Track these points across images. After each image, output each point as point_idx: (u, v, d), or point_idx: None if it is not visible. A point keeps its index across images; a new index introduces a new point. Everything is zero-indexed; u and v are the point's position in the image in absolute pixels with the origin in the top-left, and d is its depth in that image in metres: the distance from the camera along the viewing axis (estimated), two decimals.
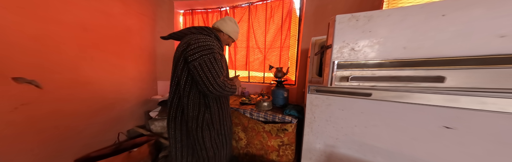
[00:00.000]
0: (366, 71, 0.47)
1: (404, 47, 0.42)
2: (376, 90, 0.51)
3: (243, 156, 1.07)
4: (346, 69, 0.50)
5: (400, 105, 0.48)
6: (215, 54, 0.56)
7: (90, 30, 0.88)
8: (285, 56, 1.25)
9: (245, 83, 1.45)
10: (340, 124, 0.61)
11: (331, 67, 0.52)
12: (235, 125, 1.07)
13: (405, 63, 0.42)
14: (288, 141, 0.88)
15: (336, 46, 0.51)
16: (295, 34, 1.24)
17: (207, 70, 0.54)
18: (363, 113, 0.55)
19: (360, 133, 0.57)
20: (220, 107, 0.67)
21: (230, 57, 1.47)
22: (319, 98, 0.66)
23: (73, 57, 0.83)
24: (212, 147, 0.65)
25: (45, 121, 0.76)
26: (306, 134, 0.75)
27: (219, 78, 0.56)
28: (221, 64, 0.58)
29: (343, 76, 0.51)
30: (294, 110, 0.89)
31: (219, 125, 0.68)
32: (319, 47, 0.72)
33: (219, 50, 0.61)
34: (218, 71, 0.56)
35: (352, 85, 0.49)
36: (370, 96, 0.52)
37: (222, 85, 0.56)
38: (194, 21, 1.50)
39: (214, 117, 0.65)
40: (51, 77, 0.76)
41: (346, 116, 0.59)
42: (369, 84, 0.47)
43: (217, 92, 0.56)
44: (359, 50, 0.48)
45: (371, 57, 0.47)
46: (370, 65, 0.47)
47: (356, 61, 0.48)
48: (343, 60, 0.50)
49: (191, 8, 1.48)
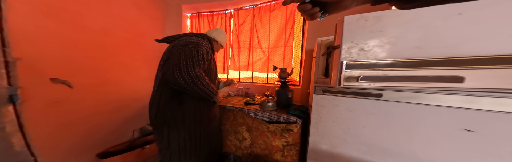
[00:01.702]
0: (377, 71, 0.44)
1: (417, 47, 0.40)
2: (388, 90, 0.47)
3: (247, 156, 1.03)
4: (355, 69, 0.47)
5: (414, 106, 0.45)
6: (201, 49, 0.53)
7: (110, 35, 0.93)
8: (288, 56, 1.22)
9: (248, 84, 1.43)
10: (347, 124, 0.58)
11: (339, 67, 0.49)
12: (240, 125, 1.03)
13: (419, 63, 0.39)
14: (293, 141, 0.84)
15: (345, 47, 0.48)
16: (299, 35, 1.22)
17: (183, 58, 0.49)
18: (373, 114, 0.52)
19: (369, 134, 0.54)
20: (197, 108, 0.59)
21: (233, 58, 1.45)
22: (325, 98, 0.63)
23: (96, 60, 0.89)
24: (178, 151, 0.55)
25: (72, 118, 0.80)
26: (312, 135, 0.71)
27: (194, 69, 0.49)
28: (203, 59, 0.52)
29: (352, 76, 0.48)
30: (298, 110, 0.86)
31: (194, 126, 0.58)
32: (326, 48, 0.69)
33: (209, 50, 0.58)
34: (196, 62, 0.50)
35: (362, 85, 0.46)
36: (381, 97, 0.49)
37: (195, 77, 0.49)
38: (200, 24, 1.50)
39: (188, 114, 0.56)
40: (79, 78, 0.81)
41: (354, 116, 0.56)
42: (380, 84, 0.44)
43: (184, 80, 0.47)
44: (369, 50, 0.45)
45: (382, 57, 0.44)
46: (381, 66, 0.44)
47: (366, 61, 0.46)
48: (352, 61, 0.47)
49: (197, 11, 1.49)
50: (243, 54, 1.40)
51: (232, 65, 1.46)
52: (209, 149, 0.70)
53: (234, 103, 1.10)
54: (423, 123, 0.45)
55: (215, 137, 0.75)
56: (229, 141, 1.09)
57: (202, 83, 0.51)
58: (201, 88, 0.51)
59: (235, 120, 1.05)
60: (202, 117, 0.62)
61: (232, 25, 1.41)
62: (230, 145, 1.09)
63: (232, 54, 1.44)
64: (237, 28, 1.38)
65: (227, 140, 1.10)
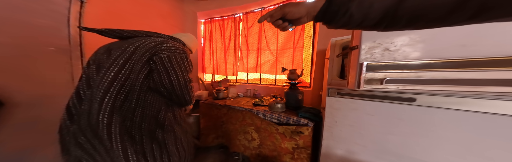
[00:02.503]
0: (407, 73, 0.36)
1: (462, 45, 0.31)
2: (423, 94, 0.39)
3: (255, 157, 0.97)
4: (379, 71, 0.40)
5: (461, 113, 0.35)
6: (187, 54, 0.50)
7: None
8: (298, 57, 1.15)
9: (256, 85, 1.37)
10: (369, 130, 0.50)
11: (358, 69, 0.42)
12: (248, 125, 0.98)
13: (464, 63, 0.31)
14: (304, 144, 0.77)
15: (365, 47, 0.41)
16: (309, 35, 1.13)
17: (175, 63, 0.46)
18: (403, 120, 0.43)
19: (398, 143, 0.45)
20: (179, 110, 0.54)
21: (242, 60, 1.41)
22: (341, 101, 0.55)
23: None
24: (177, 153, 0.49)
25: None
26: (325, 139, 0.63)
27: (187, 74, 0.48)
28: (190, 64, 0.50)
29: (374, 78, 0.41)
30: (310, 113, 0.78)
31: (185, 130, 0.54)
32: (341, 48, 0.62)
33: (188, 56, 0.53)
34: (187, 67, 0.49)
35: (388, 88, 0.39)
36: (414, 101, 0.40)
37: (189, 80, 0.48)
38: (212, 28, 1.47)
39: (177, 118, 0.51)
40: None
41: (377, 122, 0.48)
42: (412, 88, 0.37)
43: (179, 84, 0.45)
44: (397, 50, 0.38)
45: (414, 57, 0.36)
46: (413, 67, 0.36)
47: (392, 62, 0.38)
48: (374, 62, 0.40)
49: (210, 17, 1.47)
50: (251, 56, 1.35)
51: (241, 67, 1.41)
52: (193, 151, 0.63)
53: (243, 103, 1.05)
54: (477, 134, 0.35)
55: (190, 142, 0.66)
56: (238, 141, 1.04)
57: (191, 87, 0.50)
58: (189, 92, 0.49)
59: (244, 120, 1.00)
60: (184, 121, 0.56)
61: (241, 29, 1.39)
62: (239, 144, 1.04)
63: (241, 56, 1.40)
64: (245, 31, 1.34)
65: (237, 140, 1.05)
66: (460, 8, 0.13)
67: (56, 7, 0.62)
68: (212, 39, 1.51)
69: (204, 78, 1.65)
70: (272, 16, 0.23)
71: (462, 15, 0.14)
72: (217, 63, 1.52)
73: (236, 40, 1.39)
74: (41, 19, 0.58)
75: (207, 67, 1.62)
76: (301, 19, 0.22)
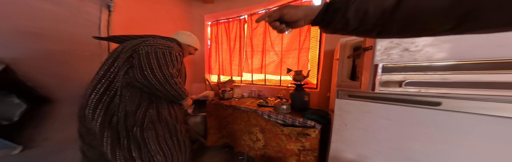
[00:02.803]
0: (431, 75, 0.33)
1: (499, 45, 0.27)
2: (450, 98, 0.35)
3: (260, 157, 0.95)
4: (397, 73, 0.36)
5: (498, 120, 0.31)
6: (174, 51, 0.48)
7: None
8: (304, 59, 1.11)
9: (261, 86, 1.34)
10: (384, 135, 0.46)
11: (373, 71, 0.39)
12: (253, 126, 0.95)
13: (501, 65, 0.27)
14: (311, 146, 0.74)
15: (380, 48, 0.38)
16: (315, 36, 1.08)
17: (153, 57, 0.43)
18: (427, 125, 0.39)
19: (419, 150, 0.40)
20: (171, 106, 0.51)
21: (246, 61, 1.39)
22: (352, 103, 0.51)
23: None
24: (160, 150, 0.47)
25: None
26: (334, 142, 0.60)
27: (168, 68, 0.44)
28: (177, 60, 0.47)
29: (391, 81, 0.37)
30: (317, 115, 0.74)
31: (173, 126, 0.51)
32: (352, 49, 0.58)
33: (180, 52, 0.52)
34: (169, 62, 0.45)
35: (409, 91, 0.35)
36: (439, 106, 0.36)
37: (168, 75, 0.44)
38: (218, 31, 1.46)
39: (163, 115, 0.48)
40: None
41: (394, 127, 0.43)
42: (437, 91, 0.33)
43: (156, 79, 0.42)
44: (418, 51, 0.34)
45: (439, 58, 0.32)
46: (438, 68, 0.32)
47: (413, 63, 0.34)
48: (392, 63, 0.37)
49: (216, 19, 1.46)
50: (256, 57, 1.32)
51: (246, 68, 1.39)
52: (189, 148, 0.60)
53: (247, 104, 1.03)
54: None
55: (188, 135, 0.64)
56: (243, 141, 1.02)
57: (175, 82, 0.46)
58: (174, 87, 0.46)
59: (249, 120, 0.98)
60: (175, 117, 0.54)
61: (246, 30, 1.37)
62: (244, 145, 1.02)
63: (246, 58, 1.38)
64: (250, 32, 1.32)
65: (241, 140, 1.03)
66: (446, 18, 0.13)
67: (91, 17, 0.69)
68: (218, 41, 1.51)
69: (211, 79, 1.65)
70: (270, 17, 0.23)
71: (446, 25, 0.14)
72: (223, 65, 1.51)
73: (241, 42, 1.38)
74: (80, 28, 0.66)
75: (213, 68, 1.62)
76: (299, 22, 0.22)
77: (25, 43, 0.52)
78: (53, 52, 0.58)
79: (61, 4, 0.59)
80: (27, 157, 0.54)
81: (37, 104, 0.55)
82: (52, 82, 0.59)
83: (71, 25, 0.63)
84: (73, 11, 0.63)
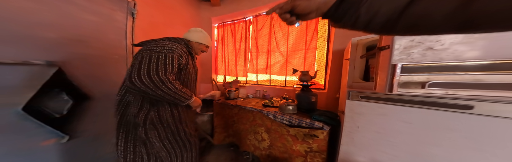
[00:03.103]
0: (462, 75, 0.29)
1: None
2: (483, 101, 0.31)
3: (266, 157, 0.92)
4: (419, 73, 0.33)
5: None
6: (171, 53, 0.47)
7: None
8: (311, 59, 1.06)
9: (266, 86, 1.32)
10: (403, 139, 0.42)
11: (390, 71, 0.35)
12: (259, 126, 0.93)
13: None
14: (318, 148, 0.70)
15: (398, 47, 0.34)
16: (323, 35, 1.03)
17: (146, 62, 0.43)
18: (455, 130, 0.35)
19: (445, 157, 0.36)
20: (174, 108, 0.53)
21: (252, 62, 1.39)
22: (365, 105, 0.47)
23: None
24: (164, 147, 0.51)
25: None
26: (344, 144, 0.56)
27: (159, 73, 0.42)
28: (172, 63, 0.46)
29: (412, 82, 0.34)
30: (325, 116, 0.70)
31: (175, 126, 0.54)
32: (364, 48, 0.54)
33: (183, 54, 0.52)
34: (161, 66, 0.43)
35: (433, 93, 0.32)
36: (471, 109, 0.32)
37: (158, 81, 0.42)
38: (224, 32, 1.46)
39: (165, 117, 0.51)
40: None
41: (416, 131, 0.39)
42: (468, 93, 0.29)
43: (144, 84, 0.41)
44: (445, 49, 0.30)
45: (470, 57, 0.28)
46: (469, 68, 0.28)
47: (438, 63, 0.30)
48: (413, 63, 0.33)
49: (222, 21, 1.46)
50: (261, 58, 1.30)
51: (251, 68, 1.37)
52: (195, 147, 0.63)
53: (252, 104, 1.00)
54: None
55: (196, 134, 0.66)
56: (248, 140, 1.00)
57: (167, 87, 0.44)
58: (167, 92, 0.44)
59: (254, 120, 0.96)
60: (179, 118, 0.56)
61: (251, 31, 1.36)
62: (249, 144, 0.99)
63: (251, 58, 1.37)
64: (255, 33, 1.31)
65: (247, 139, 1.00)
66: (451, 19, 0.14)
67: (119, 24, 0.77)
68: (224, 42, 1.51)
69: (217, 79, 1.66)
70: (281, 8, 0.22)
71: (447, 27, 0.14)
72: (228, 65, 1.50)
73: (246, 43, 1.36)
74: (111, 34, 0.73)
75: (219, 69, 1.62)
76: (310, 15, 0.21)
77: (71, 49, 0.60)
78: (90, 56, 0.67)
79: (99, 14, 0.67)
80: (72, 146, 0.63)
81: (80, 100, 0.64)
82: (90, 81, 0.67)
83: (104, 32, 0.71)
84: (107, 19, 0.71)
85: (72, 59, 0.60)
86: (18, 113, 0.48)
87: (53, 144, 0.58)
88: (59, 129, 0.57)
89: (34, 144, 0.53)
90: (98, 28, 0.69)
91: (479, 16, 0.13)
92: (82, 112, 0.65)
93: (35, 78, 0.51)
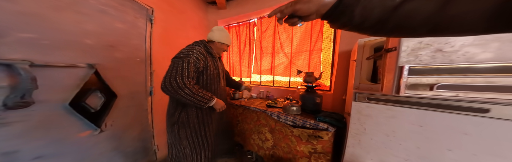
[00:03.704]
0: (473, 78, 0.29)
1: None
2: (500, 104, 0.30)
3: (269, 157, 0.93)
4: (428, 75, 0.32)
5: None
6: (187, 58, 0.53)
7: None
8: (316, 60, 1.05)
9: (269, 87, 1.32)
10: (414, 142, 0.41)
11: (397, 73, 0.35)
12: (263, 126, 0.93)
13: None
14: (323, 149, 0.70)
15: (406, 48, 0.34)
16: (329, 36, 1.02)
17: (170, 69, 0.52)
18: (470, 135, 0.34)
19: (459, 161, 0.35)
20: (199, 109, 0.60)
21: (256, 63, 1.40)
22: (373, 107, 0.47)
23: None
24: (188, 145, 0.61)
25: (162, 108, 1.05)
26: (350, 146, 0.55)
27: (176, 79, 0.49)
28: (188, 67, 0.52)
29: (420, 84, 0.33)
30: (331, 118, 0.70)
31: (198, 126, 0.62)
32: (372, 50, 0.54)
33: (201, 57, 0.57)
34: (179, 72, 0.50)
35: (443, 95, 0.31)
36: (487, 113, 0.31)
37: (176, 87, 0.48)
38: (230, 34, 1.54)
39: (191, 117, 0.59)
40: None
41: (429, 134, 0.38)
42: (480, 96, 0.28)
43: (167, 90, 0.49)
44: (455, 51, 0.30)
45: (482, 59, 0.27)
46: (482, 70, 0.28)
47: (448, 65, 0.30)
48: (421, 65, 0.33)
49: (228, 23, 1.49)
50: (265, 59, 1.30)
51: (255, 69, 1.39)
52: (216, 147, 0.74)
53: (256, 104, 1.01)
54: None
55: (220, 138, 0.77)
56: (252, 140, 1.00)
57: (185, 93, 0.49)
58: (185, 96, 0.50)
59: (258, 120, 0.96)
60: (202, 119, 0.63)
61: (255, 33, 1.39)
62: (253, 144, 0.99)
63: (255, 59, 1.39)
64: (260, 35, 1.33)
65: (251, 139, 1.01)
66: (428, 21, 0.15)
67: (140, 30, 0.86)
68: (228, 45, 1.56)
69: None
70: (282, 13, 0.23)
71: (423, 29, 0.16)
72: (233, 66, 1.52)
73: (250, 44, 1.38)
74: (134, 40, 0.82)
75: None
76: (310, 16, 0.22)
77: (104, 53, 0.69)
78: (118, 59, 0.76)
79: (125, 22, 0.77)
80: (101, 138, 0.71)
81: (109, 98, 0.72)
82: (117, 81, 0.75)
83: (129, 38, 0.80)
84: (132, 26, 0.80)
85: (104, 62, 0.69)
86: (65, 107, 0.56)
87: (87, 135, 0.65)
88: (93, 123, 0.65)
89: (74, 135, 0.60)
90: (125, 34, 0.77)
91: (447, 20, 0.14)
92: (110, 108, 0.72)
93: (79, 78, 0.60)
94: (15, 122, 0.46)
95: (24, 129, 0.48)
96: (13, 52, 0.44)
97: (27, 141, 0.49)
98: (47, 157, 0.53)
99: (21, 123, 0.47)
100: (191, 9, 1.29)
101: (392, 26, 0.17)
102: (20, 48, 0.45)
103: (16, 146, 0.47)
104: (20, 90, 0.43)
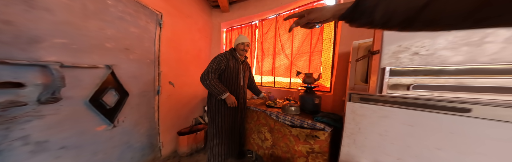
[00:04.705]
0: (445, 79, 0.31)
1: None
2: (480, 104, 0.31)
3: (268, 157, 0.95)
4: (406, 76, 0.33)
5: None
6: (216, 59, 0.81)
7: (188, 53, 1.30)
8: (316, 61, 1.08)
9: (270, 88, 1.35)
10: (405, 142, 0.42)
11: (379, 74, 0.39)
12: (262, 125, 0.94)
13: None
14: (320, 149, 0.72)
15: (388, 51, 0.37)
16: (329, 38, 1.04)
17: (207, 66, 0.80)
18: (456, 133, 0.35)
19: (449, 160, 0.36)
20: (217, 100, 0.81)
21: (257, 64, 1.44)
22: (367, 107, 0.49)
23: (182, 69, 1.26)
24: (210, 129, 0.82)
25: (173, 106, 1.17)
26: (345, 145, 0.57)
27: (207, 73, 0.77)
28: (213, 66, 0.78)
29: (400, 84, 0.35)
30: (328, 118, 0.71)
31: (215, 114, 0.82)
32: (365, 51, 0.55)
33: (224, 59, 0.81)
34: (210, 68, 0.77)
35: (420, 94, 0.35)
36: (469, 112, 0.33)
37: (204, 78, 0.76)
38: (232, 36, 1.55)
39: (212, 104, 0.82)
40: (176, 81, 1.18)
41: (419, 133, 0.40)
42: (452, 95, 0.31)
43: (201, 79, 0.78)
44: (430, 54, 0.32)
45: (454, 62, 0.29)
46: (453, 72, 0.30)
47: (423, 67, 0.32)
48: (400, 67, 0.36)
49: (230, 26, 1.56)
50: (266, 60, 1.34)
51: (256, 70, 1.42)
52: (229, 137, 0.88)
53: (257, 104, 1.05)
54: None
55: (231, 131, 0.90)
56: (252, 140, 1.02)
57: (207, 84, 0.75)
58: (207, 86, 0.75)
59: (258, 120, 0.98)
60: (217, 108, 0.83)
61: (257, 35, 1.44)
62: (253, 143, 1.01)
63: (257, 60, 1.43)
64: (261, 37, 1.39)
65: (250, 138, 1.03)
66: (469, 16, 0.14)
67: (150, 33, 0.94)
68: (231, 46, 1.61)
69: None
70: (298, 23, 0.25)
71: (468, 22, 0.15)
72: None
73: (252, 46, 1.45)
74: (145, 43, 0.91)
75: None
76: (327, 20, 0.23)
77: (120, 55, 0.78)
78: (131, 61, 0.84)
79: (138, 27, 0.85)
80: (115, 132, 0.79)
81: (122, 96, 0.80)
82: (129, 80, 0.84)
83: (142, 41, 0.89)
84: (144, 30, 0.89)
85: (120, 63, 0.78)
86: (86, 104, 0.64)
87: (103, 130, 0.72)
88: (108, 118, 0.73)
89: (92, 128, 0.68)
90: (138, 38, 0.86)
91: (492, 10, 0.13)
92: (123, 105, 0.81)
93: (98, 78, 0.68)
94: (47, 115, 0.53)
95: (54, 122, 0.55)
96: (49, 55, 0.52)
97: (55, 132, 0.55)
98: (70, 148, 0.60)
99: (52, 116, 0.54)
100: (196, 13, 1.37)
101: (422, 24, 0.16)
102: (54, 51, 0.53)
103: (46, 137, 0.54)
104: (51, 87, 0.51)
